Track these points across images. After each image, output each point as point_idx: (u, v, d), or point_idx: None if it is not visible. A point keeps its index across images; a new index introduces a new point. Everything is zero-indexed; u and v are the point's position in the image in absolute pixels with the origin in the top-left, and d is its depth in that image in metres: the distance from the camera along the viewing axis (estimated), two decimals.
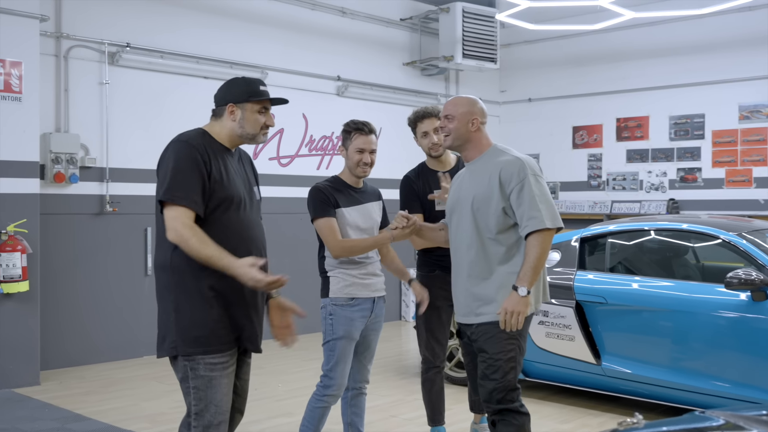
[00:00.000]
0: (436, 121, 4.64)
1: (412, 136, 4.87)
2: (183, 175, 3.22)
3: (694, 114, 10.17)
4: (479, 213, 3.76)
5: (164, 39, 8.12)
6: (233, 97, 3.41)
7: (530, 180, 3.68)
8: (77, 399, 6.31)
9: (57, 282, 7.36)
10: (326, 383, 4.23)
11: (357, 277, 4.24)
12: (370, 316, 4.29)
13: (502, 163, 3.75)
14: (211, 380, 3.25)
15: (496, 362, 3.71)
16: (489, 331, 3.73)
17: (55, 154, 7.28)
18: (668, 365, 5.54)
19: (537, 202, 3.64)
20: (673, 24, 10.17)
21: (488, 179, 3.74)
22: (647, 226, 6.27)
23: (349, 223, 4.23)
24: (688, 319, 5.46)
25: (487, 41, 10.46)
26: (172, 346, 3.26)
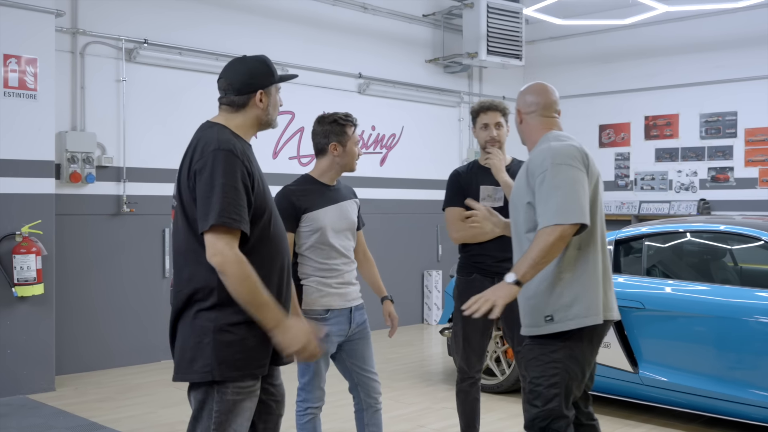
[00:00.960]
0: (500, 116, 4.42)
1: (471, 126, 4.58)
2: (235, 193, 2.85)
3: (725, 111, 9.87)
4: (516, 211, 3.49)
5: (182, 35, 7.93)
6: (262, 83, 3.11)
7: (550, 171, 3.28)
8: (93, 406, 6.12)
9: (72, 284, 7.18)
10: (304, 397, 3.98)
11: (333, 287, 3.95)
12: (350, 328, 4.01)
13: (532, 154, 3.47)
14: (236, 404, 2.97)
15: (536, 388, 3.34)
16: (531, 351, 3.40)
17: (71, 153, 7.09)
18: (709, 374, 5.29)
19: (549, 196, 3.23)
20: (703, 19, 9.87)
21: (522, 174, 3.47)
22: (683, 228, 6.02)
23: (325, 224, 3.91)
24: (730, 325, 5.21)
25: (512, 37, 10.20)
26: (206, 370, 2.90)
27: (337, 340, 3.99)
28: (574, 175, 3.27)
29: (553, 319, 3.30)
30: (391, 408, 5.99)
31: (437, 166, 10.48)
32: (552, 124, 3.55)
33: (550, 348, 3.33)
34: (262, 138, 8.32)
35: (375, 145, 9.78)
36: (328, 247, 3.94)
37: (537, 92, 3.59)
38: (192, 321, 2.94)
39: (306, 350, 2.91)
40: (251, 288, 2.83)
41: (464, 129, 10.81)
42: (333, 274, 3.96)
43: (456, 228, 4.45)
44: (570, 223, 3.18)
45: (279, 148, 8.80)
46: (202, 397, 2.96)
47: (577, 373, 3.35)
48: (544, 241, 3.17)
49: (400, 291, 9.97)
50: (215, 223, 2.80)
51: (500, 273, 4.32)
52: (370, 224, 9.75)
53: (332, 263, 3.96)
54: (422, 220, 10.24)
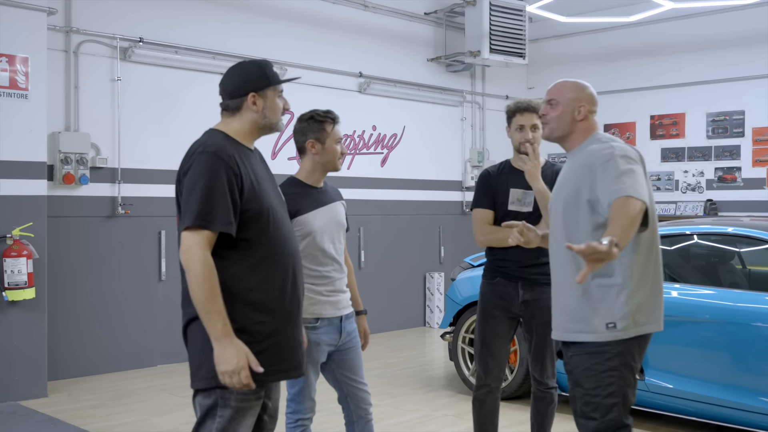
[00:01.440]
0: (536, 118, 4.18)
1: (506, 126, 4.38)
2: (215, 195, 2.82)
3: (733, 110, 9.70)
4: (568, 210, 3.27)
5: (179, 33, 7.79)
6: (253, 85, 3.05)
7: (617, 160, 3.12)
8: (85, 413, 5.98)
9: (66, 288, 7.04)
10: (294, 408, 3.82)
11: (324, 294, 3.79)
12: (340, 337, 3.85)
13: (591, 150, 3.26)
14: (239, 410, 2.91)
15: (593, 399, 3.16)
16: (582, 362, 3.20)
17: (65, 154, 6.96)
18: (717, 381, 5.14)
19: (620, 176, 3.05)
20: (710, 16, 9.70)
21: (578, 171, 3.26)
22: (690, 230, 5.87)
23: (316, 228, 3.75)
24: (739, 330, 5.07)
25: (515, 35, 10.04)
26: (211, 375, 2.85)
27: (328, 350, 3.83)
28: (639, 171, 3.15)
29: (616, 326, 3.14)
30: (389, 415, 5.85)
31: (439, 167, 10.34)
32: (597, 125, 3.44)
33: (604, 356, 3.16)
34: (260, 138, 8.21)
35: (376, 145, 9.63)
36: (320, 251, 3.79)
37: (592, 89, 3.45)
38: (199, 326, 2.90)
39: (234, 375, 2.79)
40: (206, 292, 2.79)
41: (467, 129, 10.66)
42: (324, 282, 3.81)
43: (483, 231, 4.30)
44: (642, 199, 2.98)
45: (278, 149, 8.67)
46: (205, 403, 2.93)
47: (631, 379, 3.21)
48: (628, 210, 2.93)
49: (401, 293, 9.84)
50: (189, 224, 2.82)
51: (524, 278, 4.21)
52: (371, 225, 9.67)
53: (323, 270, 3.80)
54: (424, 222, 10.09)
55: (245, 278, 2.90)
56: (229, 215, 2.84)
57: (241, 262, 2.91)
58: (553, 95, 3.40)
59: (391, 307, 9.59)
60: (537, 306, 4.21)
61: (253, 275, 2.91)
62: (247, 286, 2.90)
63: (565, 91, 3.39)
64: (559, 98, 3.38)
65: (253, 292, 2.91)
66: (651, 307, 3.21)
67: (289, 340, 3.01)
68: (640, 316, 3.16)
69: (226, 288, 2.85)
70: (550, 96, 3.41)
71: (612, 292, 3.15)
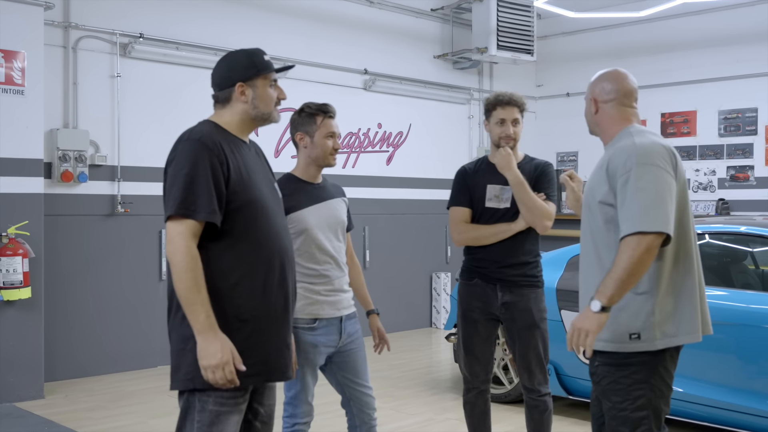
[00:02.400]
0: (517, 112, 4.08)
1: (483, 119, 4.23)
2: (198, 183, 2.72)
3: (745, 108, 9.51)
4: (591, 211, 3.12)
5: (180, 29, 7.67)
6: (240, 75, 2.93)
7: (635, 171, 2.93)
8: (82, 415, 5.87)
9: (64, 288, 6.93)
10: (291, 412, 3.68)
11: (322, 294, 3.65)
12: (340, 338, 3.71)
13: (615, 150, 3.08)
14: (219, 415, 2.77)
15: (621, 413, 3.01)
16: (608, 374, 3.04)
17: (63, 151, 6.84)
18: (728, 384, 5.00)
19: (634, 200, 2.89)
20: (722, 11, 9.52)
21: (601, 171, 3.11)
22: (701, 230, 5.70)
23: (311, 225, 3.61)
24: (751, 333, 4.91)
25: (523, 32, 9.88)
26: (188, 377, 2.75)
27: (326, 352, 3.69)
28: (661, 177, 2.93)
29: (640, 337, 2.96)
30: (391, 419, 5.71)
31: (446, 165, 10.16)
32: (632, 116, 3.20)
33: (630, 369, 3.00)
34: (264, 136, 8.12)
35: (381, 143, 9.49)
36: (317, 249, 3.65)
37: (615, 79, 3.21)
38: (178, 326, 2.80)
39: (218, 370, 2.67)
40: (188, 283, 2.68)
41: (474, 127, 10.51)
42: (321, 280, 3.67)
43: (459, 229, 4.16)
44: (654, 230, 2.84)
45: (281, 147, 8.54)
46: (184, 405, 2.82)
47: (663, 390, 3.04)
48: (630, 257, 2.84)
49: (407, 293, 9.70)
50: (171, 213, 2.73)
51: (502, 279, 4.05)
52: (376, 224, 9.53)
53: (321, 268, 3.67)
54: (430, 221, 9.94)
55: (227, 273, 2.78)
56: (212, 204, 2.73)
57: (223, 255, 2.79)
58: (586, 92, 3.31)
59: (397, 307, 9.45)
60: (517, 309, 4.05)
61: (236, 270, 2.79)
62: (230, 282, 2.78)
63: (588, 86, 3.30)
64: (586, 95, 3.30)
65: (235, 287, 2.78)
66: (682, 316, 3.01)
67: (274, 340, 2.88)
68: (669, 327, 2.98)
69: (208, 281, 2.73)
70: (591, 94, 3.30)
71: (637, 300, 2.98)
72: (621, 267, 2.84)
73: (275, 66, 3.02)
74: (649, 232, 2.84)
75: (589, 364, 3.18)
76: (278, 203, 3.04)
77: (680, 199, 3.02)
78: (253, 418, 2.99)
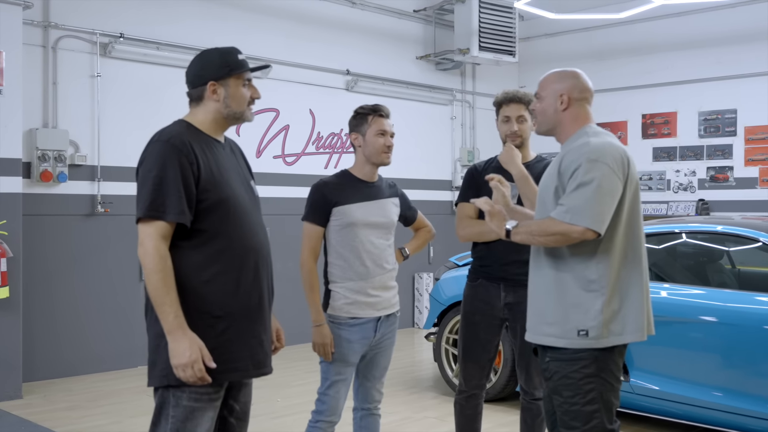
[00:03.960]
0: (523, 109, 4.08)
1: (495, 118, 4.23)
2: (167, 184, 2.74)
3: (725, 109, 9.58)
4: (546, 208, 3.14)
5: (161, 29, 7.66)
6: (212, 74, 2.94)
7: (583, 167, 2.98)
8: (59, 415, 5.85)
9: (43, 288, 6.90)
10: (318, 407, 3.75)
11: (361, 294, 3.70)
12: (374, 337, 3.76)
13: (569, 149, 3.10)
14: (193, 411, 2.79)
15: (572, 407, 3.04)
16: (560, 369, 3.06)
17: (42, 151, 6.82)
18: (704, 382, 5.03)
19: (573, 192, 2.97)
20: (701, 14, 9.58)
21: (553, 170, 3.13)
22: (678, 229, 5.75)
23: (356, 221, 3.68)
24: (727, 331, 4.95)
25: (505, 33, 9.92)
26: (162, 374, 2.78)
27: (361, 350, 3.75)
28: (608, 176, 2.97)
29: (588, 334, 3.00)
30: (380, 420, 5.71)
31: (429, 166, 10.21)
32: (591, 117, 3.25)
33: (580, 363, 3.03)
34: (245, 136, 8.12)
35: None
36: (360, 245, 3.69)
37: (585, 78, 3.26)
38: (153, 324, 2.82)
39: (187, 368, 2.70)
40: (156, 284, 2.70)
41: (456, 128, 10.54)
42: (363, 280, 3.70)
43: (463, 225, 4.18)
44: (580, 225, 2.92)
45: (263, 147, 8.53)
46: (159, 401, 2.84)
47: (613, 383, 3.08)
48: (547, 228, 2.99)
49: None
50: (141, 216, 2.76)
51: (505, 278, 4.03)
52: None
53: (363, 268, 3.70)
54: None
55: (200, 270, 2.80)
56: (181, 204, 2.75)
57: (196, 253, 2.81)
58: (539, 88, 3.27)
59: None
60: (520, 309, 4.01)
61: (209, 268, 2.81)
62: (202, 279, 2.80)
63: (549, 83, 3.24)
64: (542, 91, 3.25)
65: (208, 284, 2.80)
66: (629, 316, 3.04)
67: (247, 337, 2.89)
68: (616, 325, 3.02)
69: (180, 280, 2.75)
70: (537, 89, 3.28)
71: (587, 298, 3.02)
72: (538, 230, 3.04)
73: (253, 65, 3.03)
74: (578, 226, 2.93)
75: (540, 360, 3.20)
76: (254, 201, 3.05)
77: (632, 201, 3.07)
78: (228, 415, 3.00)
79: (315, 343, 3.68)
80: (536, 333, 3.15)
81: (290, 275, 4.19)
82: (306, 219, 3.75)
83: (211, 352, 2.77)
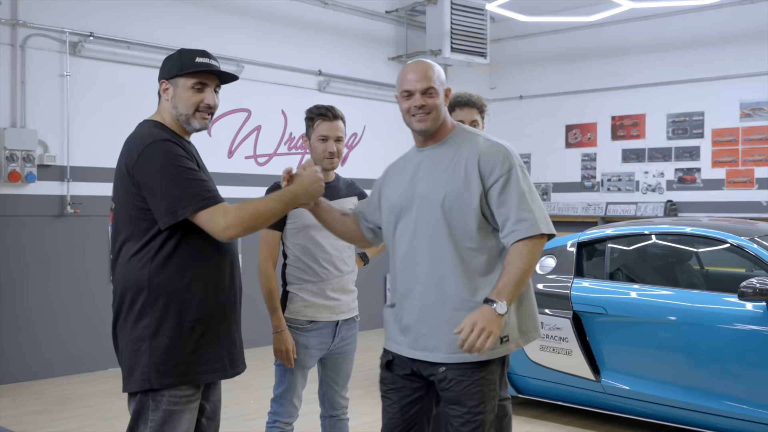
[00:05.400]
0: (476, 114, 4.00)
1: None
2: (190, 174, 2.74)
3: (692, 112, 9.71)
4: (453, 214, 2.84)
5: (131, 28, 7.59)
6: (165, 72, 2.91)
7: (517, 172, 2.82)
8: (28, 419, 5.77)
9: (11, 290, 6.81)
10: (275, 409, 3.73)
11: (320, 296, 3.67)
12: (333, 342, 3.73)
13: (480, 148, 2.88)
14: (172, 414, 2.78)
15: (476, 417, 2.81)
16: (467, 376, 2.82)
17: (10, 151, 6.73)
18: (674, 382, 5.09)
19: (527, 201, 2.79)
20: (670, 17, 9.71)
21: (464, 169, 2.85)
22: (648, 230, 5.81)
23: (311, 223, 3.53)
24: (696, 331, 5.00)
25: (476, 35, 9.97)
26: (144, 378, 2.75)
27: (318, 355, 3.73)
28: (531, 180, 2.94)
29: (509, 339, 2.85)
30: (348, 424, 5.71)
31: None
32: None
33: (487, 370, 2.86)
34: (216, 136, 8.08)
35: None
36: (316, 248, 3.64)
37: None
38: (130, 328, 2.78)
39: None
40: (260, 211, 2.85)
41: None
42: (318, 281, 3.66)
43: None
44: (551, 233, 2.82)
45: (234, 147, 8.49)
46: (137, 406, 2.80)
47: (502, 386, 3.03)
48: (530, 259, 2.76)
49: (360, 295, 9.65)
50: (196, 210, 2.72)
51: None
52: None
53: (321, 270, 3.66)
54: None
55: (182, 272, 2.78)
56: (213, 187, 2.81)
57: (176, 256, 2.78)
58: (430, 82, 2.91)
59: None
60: None
61: (190, 269, 2.79)
62: (184, 282, 2.78)
63: (438, 74, 2.96)
64: (436, 85, 2.93)
65: (190, 287, 2.79)
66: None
67: (223, 338, 2.89)
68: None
69: (162, 284, 2.74)
70: (427, 84, 2.91)
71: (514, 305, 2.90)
72: (521, 269, 2.75)
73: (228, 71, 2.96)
74: (546, 234, 2.81)
75: (422, 370, 2.93)
76: None
77: None
78: (199, 416, 2.99)
79: (276, 349, 3.63)
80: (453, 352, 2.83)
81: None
82: None
83: (190, 354, 2.77)
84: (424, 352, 2.90)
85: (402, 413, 3.02)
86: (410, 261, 2.94)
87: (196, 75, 2.87)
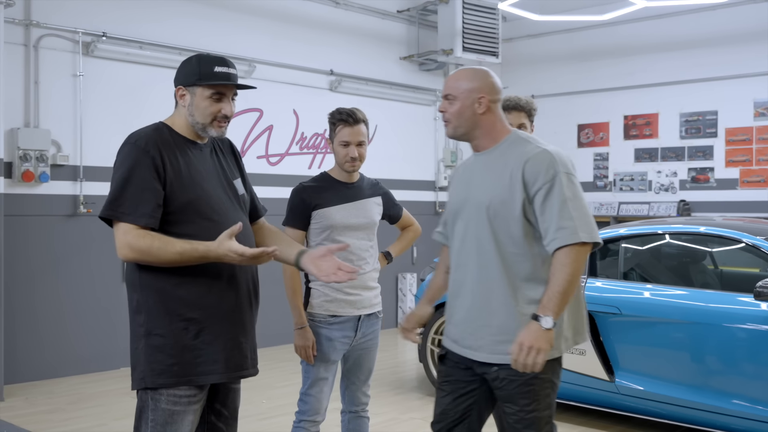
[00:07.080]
0: (524, 118, 3.92)
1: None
2: (131, 185, 2.74)
3: (706, 111, 9.65)
4: (498, 220, 2.91)
5: (144, 28, 7.61)
6: (183, 79, 2.91)
7: (562, 179, 2.83)
8: (41, 418, 5.79)
9: (25, 289, 6.83)
10: (301, 408, 3.75)
11: (341, 292, 3.71)
12: (355, 336, 3.76)
13: (527, 155, 2.90)
14: (172, 415, 2.78)
15: (530, 414, 2.89)
16: (518, 376, 2.87)
17: (24, 150, 6.75)
18: (688, 382, 5.05)
19: (569, 209, 2.80)
20: (683, 16, 9.66)
21: (509, 176, 2.89)
22: (661, 230, 5.78)
23: (336, 223, 3.70)
24: (711, 332, 4.97)
25: (488, 34, 9.95)
26: (140, 377, 2.79)
27: (342, 348, 3.75)
28: (579, 186, 2.92)
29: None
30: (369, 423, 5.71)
31: (412, 166, 10.22)
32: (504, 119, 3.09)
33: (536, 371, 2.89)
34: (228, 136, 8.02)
35: None
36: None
37: (496, 79, 3.07)
38: (131, 325, 2.85)
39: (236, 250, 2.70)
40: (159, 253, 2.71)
41: (440, 128, 10.54)
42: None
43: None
44: (594, 241, 2.82)
45: (246, 147, 8.50)
46: (139, 404, 2.84)
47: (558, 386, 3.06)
48: (573, 269, 2.77)
49: None
50: (103, 216, 2.83)
51: None
52: None
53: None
54: None
55: (172, 271, 2.76)
56: (144, 207, 2.74)
57: None
58: (449, 90, 3.03)
59: None
60: None
61: (178, 270, 2.76)
62: (172, 282, 2.77)
63: (462, 82, 3.02)
64: (455, 92, 3.01)
65: (181, 286, 2.78)
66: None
67: (224, 339, 2.85)
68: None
69: (151, 282, 2.76)
70: (446, 91, 3.04)
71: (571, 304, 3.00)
72: (565, 279, 2.77)
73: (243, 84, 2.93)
74: (588, 243, 2.81)
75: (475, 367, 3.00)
76: (233, 201, 2.98)
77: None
78: (216, 420, 2.99)
79: (297, 345, 3.68)
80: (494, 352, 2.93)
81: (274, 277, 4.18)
82: (286, 223, 3.76)
83: (184, 353, 2.76)
84: (469, 350, 3.00)
85: (455, 405, 3.08)
86: (461, 261, 3.06)
87: (213, 87, 2.88)
